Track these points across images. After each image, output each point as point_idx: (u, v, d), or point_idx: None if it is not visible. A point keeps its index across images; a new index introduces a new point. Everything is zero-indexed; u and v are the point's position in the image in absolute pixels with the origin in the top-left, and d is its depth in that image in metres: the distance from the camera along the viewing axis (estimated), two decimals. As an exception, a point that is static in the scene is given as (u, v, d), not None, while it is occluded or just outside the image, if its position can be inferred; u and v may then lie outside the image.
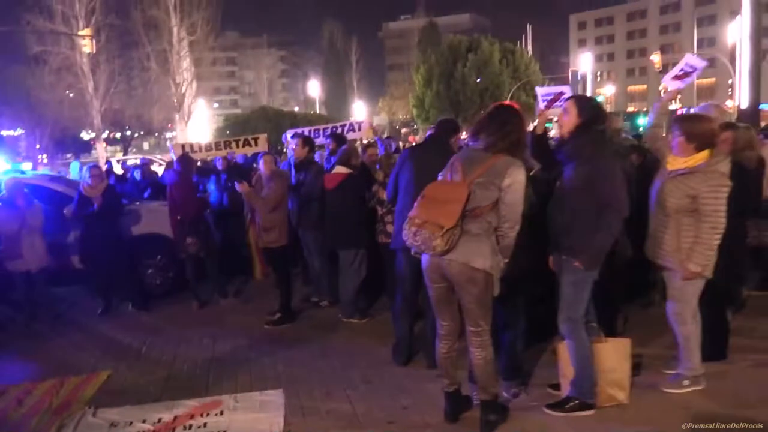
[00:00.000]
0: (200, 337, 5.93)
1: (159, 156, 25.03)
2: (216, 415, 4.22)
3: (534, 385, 4.25)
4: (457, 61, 48.61)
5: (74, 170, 11.06)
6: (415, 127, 54.41)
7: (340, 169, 6.15)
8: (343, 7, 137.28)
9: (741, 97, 23.87)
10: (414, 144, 6.33)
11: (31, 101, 32.13)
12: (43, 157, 37.79)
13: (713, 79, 67.31)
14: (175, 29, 33.01)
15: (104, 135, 35.12)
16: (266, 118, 36.16)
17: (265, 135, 9.14)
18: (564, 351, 3.80)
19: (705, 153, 3.82)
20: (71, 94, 31.60)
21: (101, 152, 29.60)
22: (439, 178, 3.59)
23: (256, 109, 42.88)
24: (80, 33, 25.36)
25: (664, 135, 4.14)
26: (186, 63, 34.95)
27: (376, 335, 5.54)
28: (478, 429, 3.60)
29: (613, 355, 3.79)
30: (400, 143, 17.73)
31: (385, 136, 19.10)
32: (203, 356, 5.45)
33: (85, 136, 45.49)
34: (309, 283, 7.26)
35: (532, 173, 4.52)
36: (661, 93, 4.46)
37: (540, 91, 4.73)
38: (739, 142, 4.27)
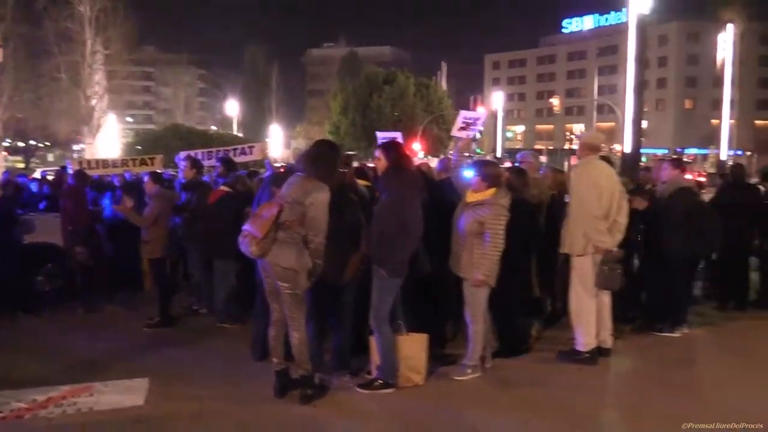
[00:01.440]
0: (81, 338, 6.49)
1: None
2: (86, 396, 4.89)
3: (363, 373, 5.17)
4: (373, 92, 50.28)
5: (-32, 180, 11.21)
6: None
7: (222, 188, 6.98)
8: (267, 31, 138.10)
9: (625, 143, 26.22)
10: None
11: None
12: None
13: (613, 123, 72.35)
14: (89, 42, 32.70)
15: (5, 143, 34.04)
16: (178, 136, 36.03)
17: (161, 156, 9.79)
18: (374, 342, 4.77)
19: (492, 190, 4.95)
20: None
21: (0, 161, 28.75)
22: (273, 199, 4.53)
23: (168, 127, 42.56)
24: (-14, 41, 24.88)
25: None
26: (98, 76, 34.57)
27: (244, 337, 6.20)
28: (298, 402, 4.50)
29: (412, 347, 4.80)
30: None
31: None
32: (82, 354, 6.01)
33: (-15, 143, 43.66)
34: (193, 293, 7.94)
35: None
36: (456, 142, 5.57)
37: (379, 134, 5.79)
38: (515, 183, 5.45)
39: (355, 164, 7.23)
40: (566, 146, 79.77)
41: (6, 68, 28.55)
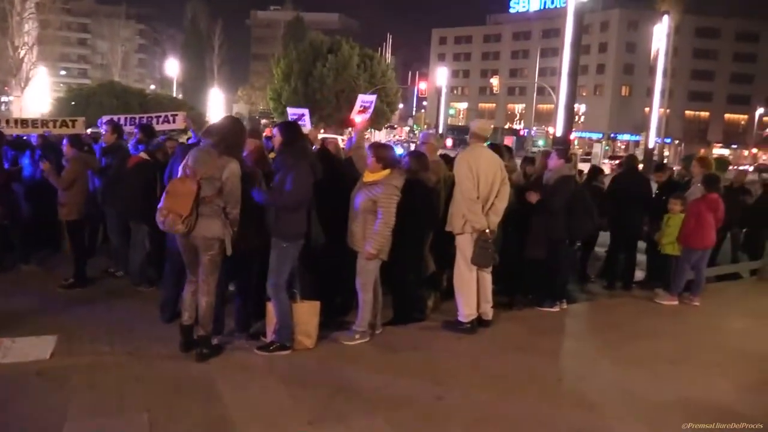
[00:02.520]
0: (-6, 296, 6.64)
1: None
2: (-8, 351, 5.13)
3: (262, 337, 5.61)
4: (317, 60, 49.92)
5: None
6: (274, 119, 55.16)
7: (141, 154, 7.19)
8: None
9: (557, 127, 27.14)
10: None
11: None
12: None
13: (551, 106, 74.09)
14: (17, -12, 31.28)
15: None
16: (114, 94, 35.05)
17: (83, 118, 9.78)
18: (271, 308, 5.20)
19: (387, 171, 5.40)
20: None
21: None
22: (179, 173, 4.82)
23: (104, 83, 41.20)
24: None
25: (365, 155, 5.66)
26: (28, 25, 33.15)
27: (157, 299, 6.42)
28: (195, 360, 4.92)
29: (305, 313, 5.25)
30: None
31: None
32: (-8, 311, 6.18)
33: None
34: (112, 256, 8.14)
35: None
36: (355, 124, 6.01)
37: (290, 110, 6.19)
38: (414, 165, 5.94)
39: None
40: (507, 125, 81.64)
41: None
